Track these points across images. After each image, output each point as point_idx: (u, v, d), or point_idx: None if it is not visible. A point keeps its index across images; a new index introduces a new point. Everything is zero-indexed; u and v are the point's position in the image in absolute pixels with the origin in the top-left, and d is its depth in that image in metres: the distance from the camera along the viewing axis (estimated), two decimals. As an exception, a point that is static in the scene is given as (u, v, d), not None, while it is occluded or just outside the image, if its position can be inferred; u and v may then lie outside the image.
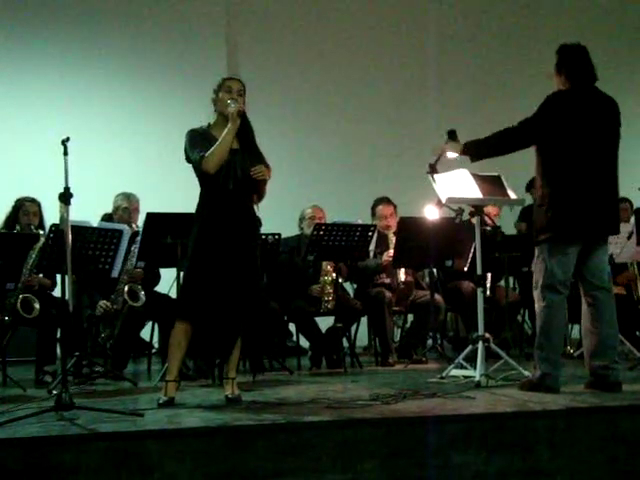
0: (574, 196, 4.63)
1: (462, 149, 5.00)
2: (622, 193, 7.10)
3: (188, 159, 4.51)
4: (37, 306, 5.47)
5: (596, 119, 4.71)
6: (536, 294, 4.80)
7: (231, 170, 4.42)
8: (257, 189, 4.50)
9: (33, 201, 5.97)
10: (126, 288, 5.81)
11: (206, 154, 4.36)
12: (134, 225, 6.03)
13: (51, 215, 5.78)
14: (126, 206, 6.30)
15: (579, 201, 4.63)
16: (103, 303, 5.87)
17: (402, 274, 6.79)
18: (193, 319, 4.44)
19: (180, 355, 4.51)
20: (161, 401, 4.39)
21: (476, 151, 4.96)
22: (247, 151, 4.49)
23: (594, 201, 4.65)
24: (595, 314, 4.75)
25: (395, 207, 6.94)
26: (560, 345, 4.76)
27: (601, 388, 4.66)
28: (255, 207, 4.58)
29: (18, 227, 5.87)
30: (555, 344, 4.71)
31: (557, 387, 4.66)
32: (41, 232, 5.63)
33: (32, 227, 5.77)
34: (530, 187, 8.09)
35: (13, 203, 6.01)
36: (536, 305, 4.82)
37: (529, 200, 6.58)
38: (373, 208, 6.99)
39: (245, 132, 4.48)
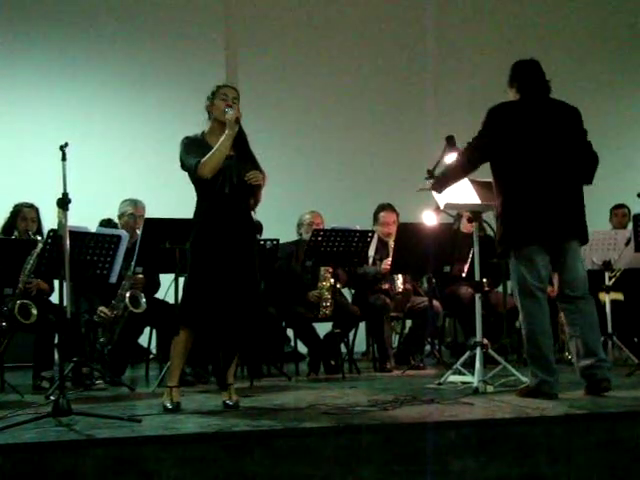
0: (525, 203, 4.63)
1: (431, 186, 5.03)
2: (621, 199, 7.17)
3: (183, 166, 4.52)
4: (35, 312, 5.46)
5: (547, 127, 4.70)
6: (516, 304, 4.82)
7: (227, 175, 4.43)
8: (253, 194, 4.51)
9: (31, 207, 5.98)
10: (128, 294, 5.81)
11: (202, 160, 4.37)
12: (138, 232, 6.01)
13: (49, 221, 5.78)
14: (132, 212, 6.30)
15: (531, 206, 4.61)
16: (102, 311, 5.86)
17: (400, 282, 6.79)
18: (196, 326, 4.44)
19: (183, 361, 4.53)
20: (170, 406, 4.40)
21: (439, 184, 4.99)
22: (242, 157, 4.50)
23: (548, 206, 4.62)
24: (574, 320, 4.76)
25: (398, 215, 6.94)
26: (549, 350, 4.70)
27: (591, 390, 4.67)
28: (252, 212, 4.59)
29: (16, 233, 5.87)
30: (544, 350, 4.67)
31: (554, 393, 4.64)
32: (39, 238, 5.63)
33: (30, 233, 5.76)
34: None
35: (11, 209, 6.01)
36: (520, 315, 4.80)
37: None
38: (376, 214, 6.99)
39: (240, 139, 4.50)
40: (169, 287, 5.88)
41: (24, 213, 5.92)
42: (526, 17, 9.72)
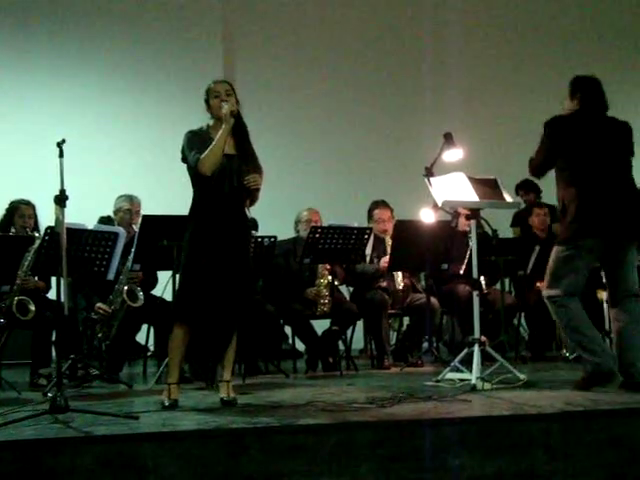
0: (588, 201, 4.74)
1: None
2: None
3: (184, 159, 4.52)
4: (32, 308, 5.46)
5: (602, 139, 4.83)
6: (546, 296, 4.89)
7: (227, 175, 4.43)
8: (251, 195, 4.51)
9: (28, 204, 5.96)
10: (125, 288, 5.80)
11: (201, 156, 4.36)
12: (135, 227, 6.01)
13: (46, 218, 5.77)
14: (128, 208, 6.29)
15: (593, 204, 4.73)
16: (100, 307, 5.86)
17: (400, 279, 6.78)
18: (191, 322, 4.44)
19: (181, 357, 4.52)
20: (167, 403, 4.40)
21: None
22: (243, 157, 4.49)
23: (609, 206, 4.74)
24: (619, 316, 4.84)
25: (392, 211, 6.94)
26: (595, 334, 4.85)
27: (628, 387, 4.72)
28: (247, 210, 4.59)
29: (13, 230, 5.85)
30: (590, 334, 4.80)
31: (614, 371, 4.74)
32: (36, 234, 5.62)
33: (27, 230, 5.75)
34: (518, 190, 8.13)
35: (7, 205, 6.00)
36: (550, 308, 4.89)
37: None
38: (370, 211, 6.98)
39: (241, 133, 4.49)
40: (166, 284, 5.87)
41: (21, 210, 5.91)
42: (523, 15, 9.72)
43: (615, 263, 4.86)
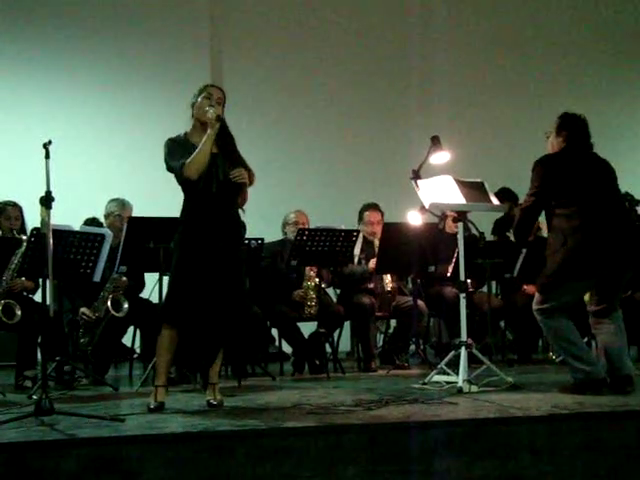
0: (582, 240, 4.77)
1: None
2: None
3: (169, 168, 4.51)
4: (19, 312, 5.42)
5: (590, 176, 4.90)
6: (536, 309, 4.92)
7: (213, 174, 4.42)
8: (240, 191, 4.50)
9: (14, 205, 5.94)
10: (110, 297, 5.78)
11: (187, 161, 4.36)
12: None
13: (33, 220, 5.74)
14: (119, 213, 6.26)
15: (588, 244, 4.76)
16: (83, 312, 5.83)
17: (388, 282, 6.78)
18: (179, 325, 4.43)
19: (168, 360, 4.50)
20: (152, 406, 4.38)
21: (521, 241, 5.33)
22: (226, 154, 4.49)
23: (602, 243, 4.78)
24: (600, 326, 4.93)
25: (383, 214, 6.94)
26: (582, 343, 4.91)
27: (616, 387, 4.78)
28: (241, 211, 4.58)
29: (0, 231, 5.83)
30: (578, 344, 4.85)
31: (603, 378, 4.79)
32: (24, 237, 5.57)
33: (14, 232, 5.72)
34: (499, 196, 8.13)
35: (-6, 207, 5.97)
36: (538, 318, 4.93)
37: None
38: (361, 213, 6.98)
39: (224, 137, 4.49)
40: (153, 287, 5.85)
41: (7, 211, 5.88)
42: (510, 18, 9.74)
43: (608, 286, 4.91)
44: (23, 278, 5.70)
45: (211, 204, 4.44)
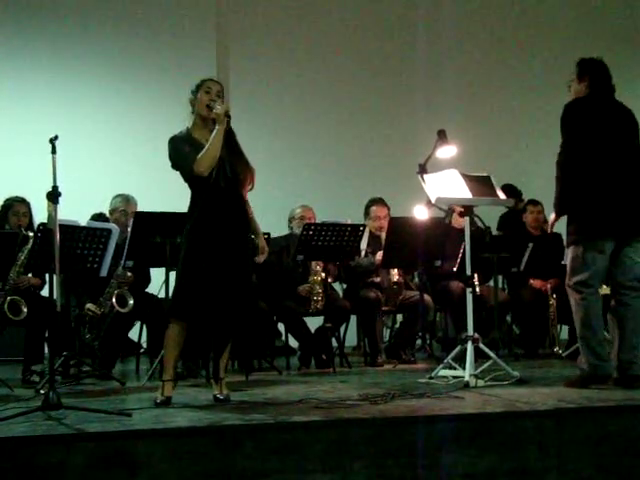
0: (602, 197, 4.74)
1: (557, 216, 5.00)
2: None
3: (175, 166, 4.49)
4: (25, 309, 5.43)
5: (615, 125, 4.83)
6: (569, 289, 4.88)
7: (221, 169, 4.42)
8: (243, 189, 4.52)
9: (22, 201, 5.92)
10: (115, 293, 5.79)
11: (198, 157, 4.35)
12: (129, 228, 5.97)
13: (39, 214, 5.76)
14: (124, 209, 6.27)
15: (607, 201, 4.73)
16: (89, 308, 5.84)
17: (395, 275, 6.78)
18: (189, 319, 4.43)
19: (176, 354, 4.50)
20: (158, 400, 4.39)
21: (562, 208, 4.92)
22: (231, 150, 4.49)
23: (621, 200, 4.75)
24: (622, 313, 4.84)
25: (389, 209, 6.94)
26: (602, 336, 4.83)
27: (623, 383, 4.73)
28: (248, 206, 4.59)
29: (8, 227, 5.83)
30: (598, 334, 4.79)
31: (609, 374, 4.75)
32: (30, 234, 5.57)
33: (22, 228, 5.71)
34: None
35: (2, 203, 5.97)
36: (571, 299, 4.88)
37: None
38: (367, 208, 6.97)
39: (228, 132, 4.49)
40: (162, 284, 5.85)
41: (15, 208, 5.88)
42: (517, 13, 9.72)
43: (619, 257, 4.84)
44: (30, 274, 5.72)
45: (220, 199, 4.44)
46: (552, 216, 5.02)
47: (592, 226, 4.76)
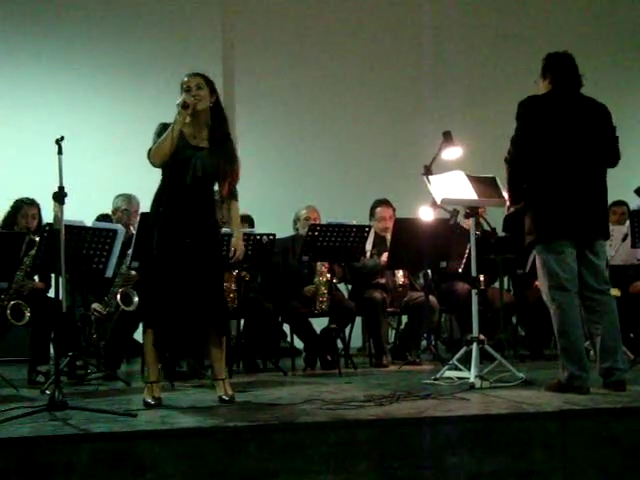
0: (557, 197, 4.64)
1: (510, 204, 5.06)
2: (618, 196, 7.16)
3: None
4: (27, 314, 5.43)
5: (577, 122, 4.71)
6: (546, 298, 4.77)
7: (190, 166, 4.39)
8: (221, 185, 4.49)
9: (32, 203, 5.88)
10: (120, 292, 5.79)
11: (152, 148, 4.36)
12: (132, 228, 5.97)
13: (46, 214, 5.76)
14: (126, 208, 6.27)
15: (562, 202, 4.63)
16: (95, 308, 5.85)
17: (400, 276, 6.78)
18: (157, 326, 4.40)
19: (156, 357, 4.49)
20: (151, 402, 4.39)
21: (515, 199, 4.93)
22: (215, 152, 4.45)
23: (579, 202, 4.65)
24: (594, 317, 4.74)
25: (394, 210, 6.94)
26: (582, 344, 4.69)
27: (609, 388, 4.67)
28: (223, 208, 4.57)
29: (16, 229, 5.81)
30: (576, 344, 4.65)
31: (586, 387, 4.61)
32: (37, 239, 5.53)
33: (30, 230, 5.69)
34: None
35: (12, 203, 5.95)
36: (550, 309, 4.76)
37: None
38: (372, 209, 6.98)
39: (218, 122, 4.47)
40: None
41: (24, 209, 5.83)
42: (523, 15, 9.70)
43: (586, 259, 4.74)
44: (36, 278, 5.72)
45: (183, 194, 4.39)
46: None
47: (546, 228, 4.67)
